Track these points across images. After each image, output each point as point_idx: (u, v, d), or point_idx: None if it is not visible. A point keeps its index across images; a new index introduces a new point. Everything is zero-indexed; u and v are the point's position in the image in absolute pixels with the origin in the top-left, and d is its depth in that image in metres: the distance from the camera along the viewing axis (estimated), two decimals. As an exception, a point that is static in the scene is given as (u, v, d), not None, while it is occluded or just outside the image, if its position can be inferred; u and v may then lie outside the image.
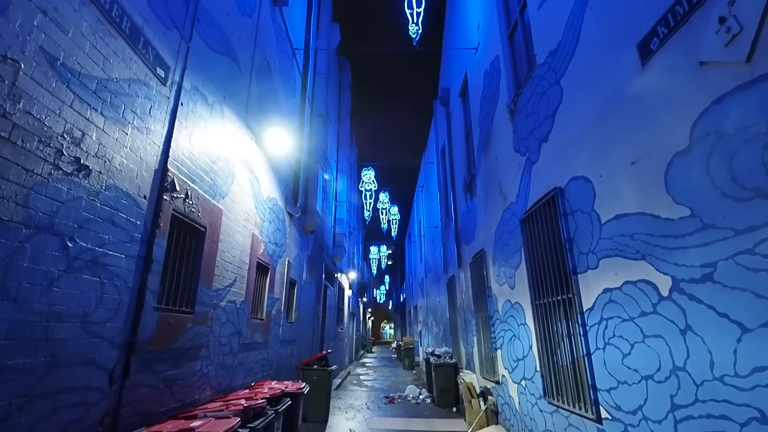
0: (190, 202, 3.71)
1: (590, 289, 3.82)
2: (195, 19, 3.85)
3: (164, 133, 3.29)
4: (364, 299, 33.67)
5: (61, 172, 2.24)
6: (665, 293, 2.83)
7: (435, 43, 13.42)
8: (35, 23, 2.09)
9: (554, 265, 4.54)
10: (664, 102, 2.90)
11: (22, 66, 2.01)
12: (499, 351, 6.71)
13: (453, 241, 11.12)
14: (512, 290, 6.06)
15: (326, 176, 10.09)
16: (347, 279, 18.56)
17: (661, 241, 2.88)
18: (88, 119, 2.45)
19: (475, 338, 8.60)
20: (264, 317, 6.04)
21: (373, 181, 16.92)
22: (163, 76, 3.25)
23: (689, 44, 2.66)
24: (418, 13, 8.21)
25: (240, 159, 5.06)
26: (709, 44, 2.48)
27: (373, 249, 32.07)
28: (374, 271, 32.78)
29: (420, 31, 8.18)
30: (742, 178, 2.26)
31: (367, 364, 20.85)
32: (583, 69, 3.98)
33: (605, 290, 3.58)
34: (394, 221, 22.54)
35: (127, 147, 2.81)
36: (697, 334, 2.54)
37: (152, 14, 3.11)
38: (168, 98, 3.36)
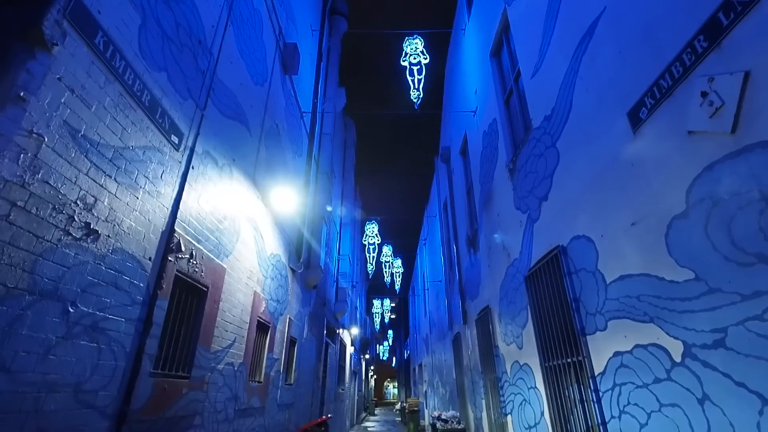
0: (194, 262, 3.73)
1: (600, 351, 3.69)
2: (210, 89, 4.13)
3: (174, 195, 3.40)
4: (367, 356, 32.37)
5: (70, 237, 2.30)
6: (678, 359, 2.73)
7: (435, 106, 14.14)
8: (63, 100, 2.25)
9: (562, 325, 4.42)
10: (657, 167, 2.99)
11: (46, 139, 2.14)
12: (509, 416, 6.32)
13: (457, 295, 10.91)
14: (520, 351, 5.84)
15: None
16: (349, 335, 18.00)
17: (669, 303, 2.84)
18: (102, 185, 2.55)
19: (483, 401, 8.14)
20: (262, 380, 5.80)
21: (376, 234, 17.01)
22: (176, 142, 3.43)
23: (676, 114, 2.80)
24: (419, 80, 8.75)
25: (246, 217, 5.16)
26: (695, 115, 2.61)
27: (376, 303, 31.41)
28: (377, 326, 31.83)
29: (421, 96, 8.67)
30: (742, 243, 2.27)
31: (369, 429, 19.56)
32: (578, 133, 4.15)
33: (616, 353, 3.46)
34: (398, 274, 22.31)
35: (137, 210, 2.90)
36: (716, 405, 2.42)
37: (171, 87, 3.35)
38: (180, 162, 3.51)
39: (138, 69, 2.90)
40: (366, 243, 16.90)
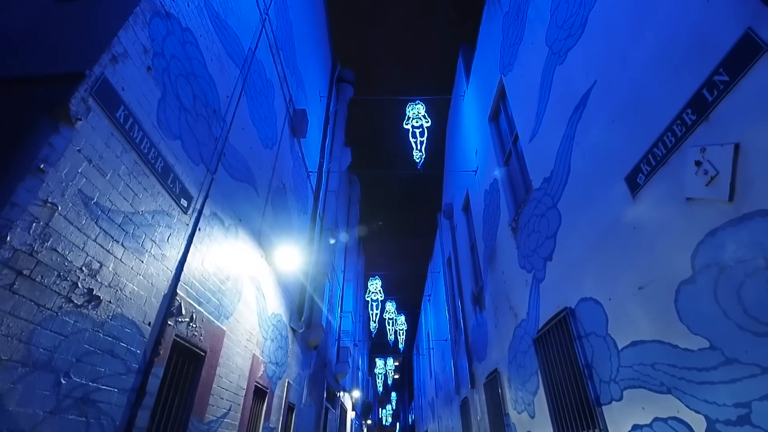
0: (194, 326, 3.65)
1: (618, 424, 3.45)
2: (222, 154, 4.32)
3: (179, 257, 3.42)
4: (369, 421, 30.34)
5: (71, 305, 2.28)
6: (702, 437, 2.54)
7: (437, 164, 14.57)
8: (80, 170, 2.35)
9: (576, 393, 4.18)
10: (659, 231, 3.01)
11: (59, 208, 2.20)
12: (524, 498, 5.77)
13: (464, 356, 10.46)
14: (532, 420, 5.48)
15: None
16: (350, 399, 17.02)
17: (686, 373, 2.70)
18: (108, 251, 2.58)
19: (495, 479, 7.48)
20: (256, 452, 5.41)
21: (379, 290, 16.73)
22: (185, 205, 3.52)
23: (673, 181, 2.87)
24: (421, 142, 9.12)
25: (249, 277, 5.13)
26: (691, 183, 2.67)
27: (379, 362, 30.07)
28: (380, 389, 30.20)
29: (423, 156, 8.97)
30: (754, 312, 2.22)
31: (371, 508, 17.81)
32: (578, 196, 4.23)
33: (635, 427, 3.24)
34: (402, 332, 21.58)
35: (140, 275, 2.90)
36: (749, 494, 2.21)
37: (184, 154, 3.51)
38: (187, 225, 3.57)
39: (154, 138, 3.06)
40: (369, 299, 16.57)
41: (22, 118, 2.25)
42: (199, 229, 3.77)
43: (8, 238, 1.91)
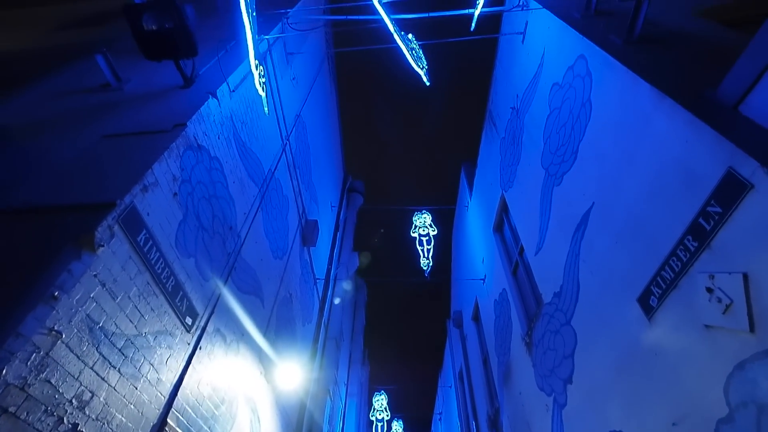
0: (179, 461, 3.29)
1: None
2: (233, 268, 4.39)
3: (174, 381, 3.24)
4: None
5: (52, 443, 2.11)
6: None
7: (444, 270, 14.57)
8: (92, 295, 2.39)
9: None
10: (683, 359, 2.83)
11: (63, 335, 2.18)
12: None
13: (483, 496, 9.02)
14: None
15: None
16: None
17: None
18: (103, 378, 2.47)
19: None
20: None
21: (385, 408, 15.26)
22: (190, 323, 3.46)
23: (687, 305, 2.80)
24: (428, 250, 9.26)
25: (245, 398, 4.77)
26: (707, 309, 2.60)
27: (385, 497, 25.86)
28: None
29: (430, 264, 9.02)
30: (811, 466, 1.95)
31: None
32: (591, 314, 4.10)
33: None
34: (411, 458, 19.00)
35: (132, 404, 2.73)
36: None
37: (196, 271, 3.58)
38: (188, 344, 3.46)
39: (169, 258, 3.16)
40: (374, 419, 15.02)
41: (47, 246, 2.37)
42: (200, 348, 3.64)
43: (3, 372, 1.85)
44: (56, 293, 2.15)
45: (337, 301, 10.01)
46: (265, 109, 5.00)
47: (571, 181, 4.59)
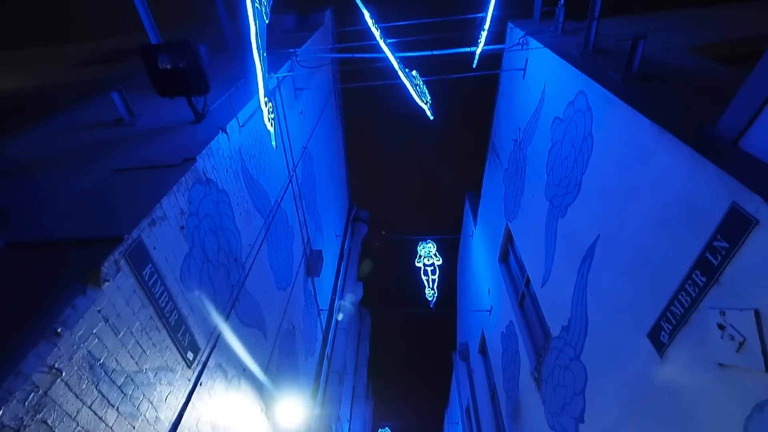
0: (174, 506, 3.15)
1: None
2: (236, 300, 4.36)
3: (173, 419, 3.16)
4: None
5: (45, 488, 2.04)
6: None
7: (450, 301, 14.36)
8: (94, 331, 2.38)
9: None
10: (697, 399, 2.73)
11: (63, 374, 2.16)
12: None
13: None
14: None
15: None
16: None
17: None
18: (101, 418, 2.41)
19: None
20: None
21: (390, 446, 14.63)
22: (191, 359, 3.41)
23: (699, 342, 2.72)
24: (433, 280, 9.17)
25: (244, 436, 4.62)
26: (720, 347, 2.53)
27: None
28: None
29: (436, 295, 8.91)
30: None
31: None
32: (601, 350, 3.99)
33: None
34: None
35: (128, 444, 2.65)
36: None
37: (199, 304, 3.56)
38: (189, 380, 3.40)
39: (173, 291, 3.16)
40: (378, 458, 14.35)
41: (55, 280, 2.38)
42: (200, 384, 3.56)
43: (0, 413, 1.82)
44: (59, 329, 2.14)
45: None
46: (273, 144, 5.12)
47: (575, 213, 4.59)
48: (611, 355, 3.80)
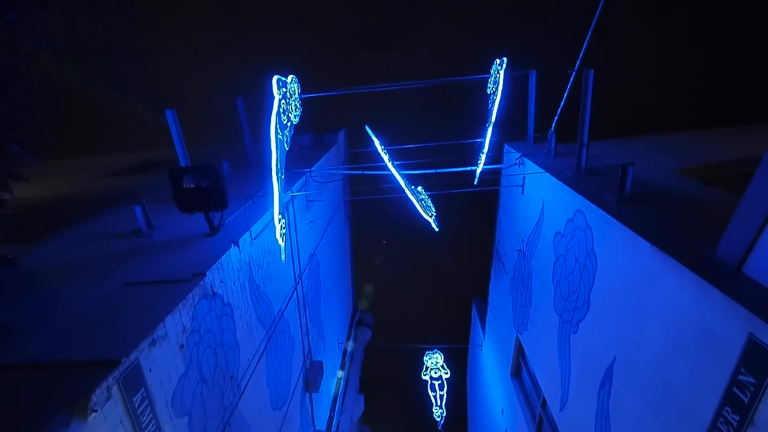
0: None
1: None
2: (227, 424, 4.01)
3: None
4: None
5: None
6: None
7: (460, 422, 13.05)
8: (71, 471, 2.16)
9: None
10: None
11: None
12: None
13: None
14: None
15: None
16: None
17: None
18: None
19: None
20: None
21: None
22: (169, 501, 3.02)
23: (748, 498, 2.38)
24: (441, 396, 8.46)
25: None
26: (773, 507, 2.21)
27: None
28: None
29: (444, 414, 8.13)
30: None
31: None
32: (636, 497, 3.49)
33: None
34: None
35: None
36: None
37: (187, 430, 3.27)
38: None
39: (162, 418, 2.94)
40: None
41: (42, 407, 2.25)
42: None
43: None
44: (33, 473, 1.96)
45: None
46: (283, 257, 5.25)
47: (587, 331, 4.43)
48: (649, 505, 3.30)
